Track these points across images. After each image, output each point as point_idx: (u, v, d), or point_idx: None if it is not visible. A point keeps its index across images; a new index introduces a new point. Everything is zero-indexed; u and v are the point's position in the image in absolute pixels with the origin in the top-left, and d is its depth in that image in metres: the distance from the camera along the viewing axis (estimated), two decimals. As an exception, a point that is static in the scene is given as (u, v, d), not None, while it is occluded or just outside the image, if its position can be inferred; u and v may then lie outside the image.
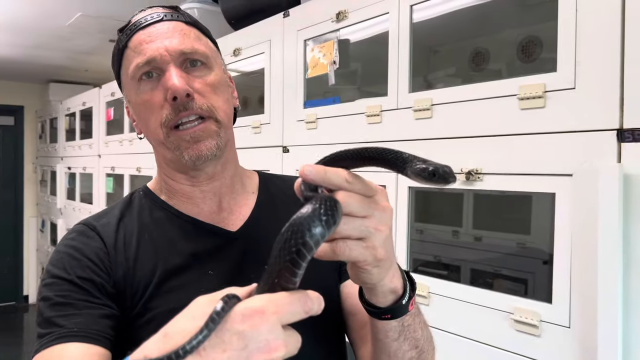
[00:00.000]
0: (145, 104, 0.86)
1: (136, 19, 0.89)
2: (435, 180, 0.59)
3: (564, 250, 1.23)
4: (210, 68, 0.88)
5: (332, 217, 0.52)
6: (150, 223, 0.90)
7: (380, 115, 1.68)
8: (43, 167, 6.04)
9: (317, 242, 0.50)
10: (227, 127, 0.89)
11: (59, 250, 0.86)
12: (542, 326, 1.26)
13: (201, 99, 0.84)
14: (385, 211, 0.63)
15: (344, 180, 0.59)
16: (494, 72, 2.05)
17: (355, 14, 1.77)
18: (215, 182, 0.92)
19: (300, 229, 0.50)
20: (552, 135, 1.25)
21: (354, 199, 0.60)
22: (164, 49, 0.83)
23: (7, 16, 3.50)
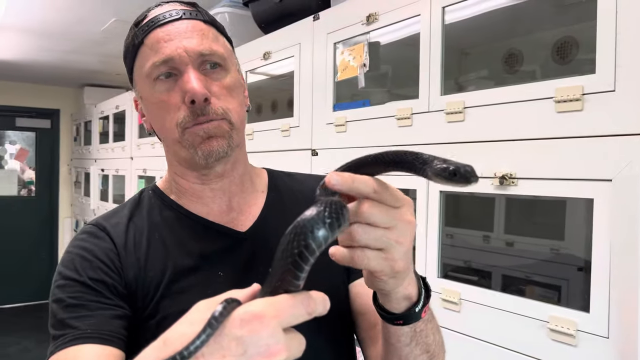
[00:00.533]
0: (161, 104, 0.85)
1: (154, 15, 0.87)
2: (456, 180, 0.57)
3: (603, 258, 1.18)
4: (227, 70, 0.88)
5: (337, 220, 0.51)
6: (160, 222, 0.90)
7: (410, 119, 1.66)
8: (77, 168, 6.17)
9: (320, 245, 0.49)
10: (239, 129, 0.89)
11: (70, 251, 0.86)
12: (579, 336, 1.22)
13: (217, 102, 0.84)
14: (409, 224, 0.62)
15: (372, 189, 0.59)
16: (527, 74, 2.01)
17: (386, 16, 1.76)
18: (225, 180, 0.92)
19: (302, 231, 0.49)
20: (591, 139, 1.21)
21: (378, 210, 0.60)
22: (182, 49, 0.83)
23: (44, 23, 3.59)
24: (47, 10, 3.34)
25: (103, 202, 5.02)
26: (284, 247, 0.50)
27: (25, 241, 6.42)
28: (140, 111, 0.95)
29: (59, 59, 4.77)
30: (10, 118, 6.39)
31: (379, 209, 0.60)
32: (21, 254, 6.37)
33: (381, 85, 2.16)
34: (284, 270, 0.50)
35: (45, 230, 6.59)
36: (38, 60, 4.88)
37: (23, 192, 6.54)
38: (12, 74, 5.59)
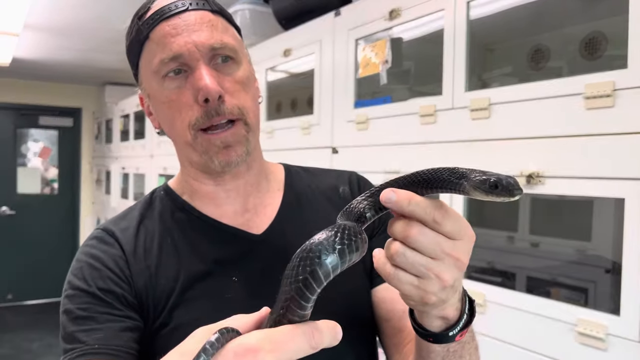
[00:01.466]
0: (171, 103, 0.80)
1: (158, 7, 0.80)
2: (497, 192, 0.52)
3: (634, 259, 1.15)
4: (239, 63, 0.82)
5: (349, 247, 0.47)
6: (172, 226, 0.86)
7: (434, 115, 1.62)
8: (99, 166, 6.23)
9: (328, 273, 0.45)
10: (255, 130, 0.85)
11: (79, 259, 0.83)
12: (609, 340, 1.18)
13: (232, 100, 0.79)
14: (457, 262, 0.57)
15: (431, 218, 0.55)
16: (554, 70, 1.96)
17: (409, 11, 1.73)
18: (239, 180, 0.87)
19: (309, 255, 0.45)
20: (622, 137, 1.17)
21: (428, 237, 0.55)
22: (192, 44, 0.77)
23: (66, 22, 3.62)
24: (69, 10, 3.37)
25: (124, 200, 5.06)
26: (289, 273, 0.46)
27: (47, 239, 6.50)
28: (147, 109, 0.90)
29: (81, 57, 4.81)
30: (33, 117, 6.47)
31: (429, 237, 0.55)
32: (44, 251, 6.46)
33: (403, 82, 2.13)
34: (287, 298, 0.46)
35: (67, 227, 6.67)
36: (60, 59, 4.93)
37: (46, 190, 6.63)
38: (35, 73, 5.67)
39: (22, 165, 6.48)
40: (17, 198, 6.36)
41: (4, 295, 6.28)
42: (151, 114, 0.89)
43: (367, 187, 0.92)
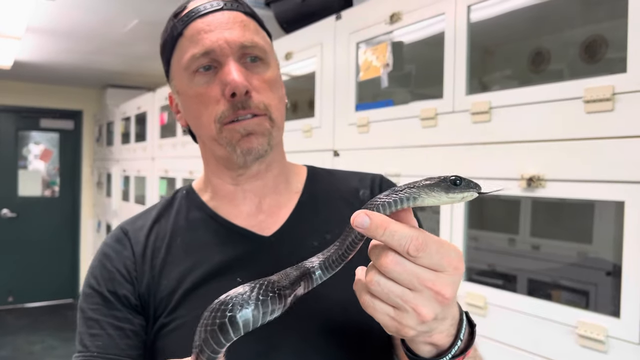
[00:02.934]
0: (199, 97, 0.82)
1: (194, 6, 0.83)
2: (460, 188, 0.52)
3: (634, 262, 1.15)
4: (268, 64, 0.84)
5: (264, 304, 0.49)
6: (184, 226, 0.88)
7: (435, 119, 1.63)
8: (100, 169, 6.24)
9: (237, 327, 0.48)
10: (279, 127, 0.86)
11: (96, 257, 0.87)
12: (610, 342, 1.19)
13: (258, 96, 0.81)
14: (438, 297, 0.53)
15: (405, 251, 0.51)
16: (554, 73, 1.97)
17: (410, 15, 1.74)
18: (258, 181, 0.88)
19: (221, 308, 0.48)
20: (622, 140, 1.18)
21: (405, 268, 0.52)
22: (223, 41, 0.79)
23: (68, 24, 3.63)
24: (71, 13, 3.38)
25: (125, 203, 5.07)
26: (200, 323, 0.49)
27: (48, 241, 6.52)
28: (175, 107, 0.92)
29: (83, 60, 4.82)
30: (34, 119, 6.49)
31: (406, 267, 0.52)
32: (45, 253, 6.47)
33: (404, 85, 2.13)
34: (196, 348, 0.49)
35: (68, 230, 6.68)
36: (61, 62, 4.94)
37: (47, 192, 6.64)
38: (36, 75, 5.68)
39: (23, 168, 6.49)
40: (18, 200, 6.37)
41: (5, 297, 6.29)
42: (179, 112, 0.91)
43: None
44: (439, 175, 0.55)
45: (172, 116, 3.84)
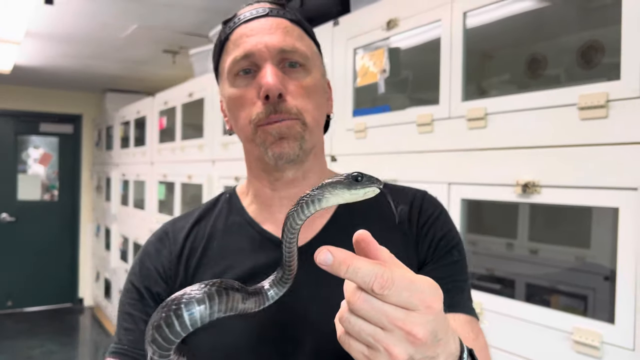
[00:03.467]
0: (237, 99, 0.84)
1: (241, 13, 0.87)
2: (362, 183, 0.53)
3: (628, 268, 1.16)
4: (308, 71, 0.85)
5: (211, 300, 0.50)
6: (222, 230, 0.90)
7: (431, 125, 1.64)
8: (99, 173, 6.24)
9: (184, 324, 0.49)
10: (313, 131, 0.85)
11: (139, 253, 0.92)
12: (604, 348, 1.19)
13: (292, 100, 0.82)
14: (409, 337, 0.50)
15: (369, 289, 0.49)
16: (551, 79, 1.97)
17: (406, 21, 1.74)
18: (294, 188, 0.88)
19: (168, 304, 0.50)
20: (616, 147, 1.18)
21: (372, 306, 0.50)
22: (263, 45, 0.81)
23: (67, 29, 3.64)
24: (70, 18, 3.39)
25: (124, 207, 5.07)
26: (150, 320, 0.50)
27: (47, 245, 6.51)
28: (223, 111, 0.94)
29: (82, 64, 4.84)
30: (34, 123, 6.50)
31: (374, 305, 0.50)
32: (44, 258, 6.47)
33: (401, 90, 2.14)
34: (147, 344, 0.50)
35: (67, 234, 6.68)
36: (61, 66, 4.95)
37: (46, 196, 6.64)
38: (36, 80, 5.69)
39: (23, 172, 6.49)
40: (17, 205, 6.37)
41: (4, 302, 6.28)
42: (226, 116, 0.93)
43: (431, 209, 0.89)
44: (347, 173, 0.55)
45: (171, 121, 3.85)
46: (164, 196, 4.01)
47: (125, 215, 4.99)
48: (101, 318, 5.97)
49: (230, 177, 2.89)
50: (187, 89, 3.53)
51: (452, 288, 0.81)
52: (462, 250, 0.88)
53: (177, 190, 3.66)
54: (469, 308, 0.83)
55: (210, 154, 3.17)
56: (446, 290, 0.80)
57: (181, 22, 3.43)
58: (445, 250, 0.85)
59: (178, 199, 3.65)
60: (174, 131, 3.77)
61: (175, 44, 3.98)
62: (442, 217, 0.89)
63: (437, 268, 0.84)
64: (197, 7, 3.15)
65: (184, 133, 3.66)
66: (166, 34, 3.71)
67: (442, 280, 0.81)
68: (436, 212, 0.89)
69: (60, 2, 3.00)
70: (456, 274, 0.85)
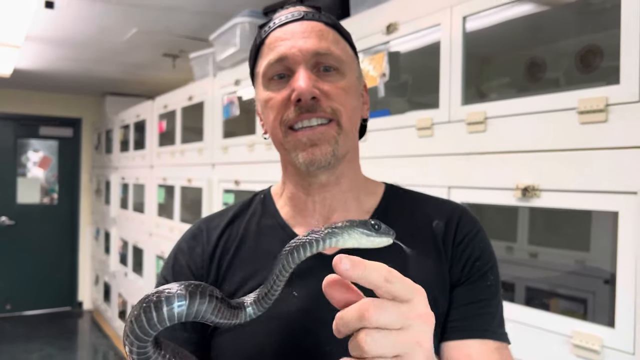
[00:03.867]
0: (270, 101, 0.84)
1: (277, 17, 0.87)
2: (381, 232, 0.56)
3: (628, 272, 1.16)
4: (343, 74, 0.84)
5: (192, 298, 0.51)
6: (255, 231, 0.90)
7: (431, 129, 1.64)
8: (98, 176, 6.24)
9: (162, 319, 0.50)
10: (348, 134, 0.84)
11: (174, 247, 0.93)
12: (604, 352, 1.19)
13: (327, 101, 0.81)
14: (426, 320, 0.53)
15: (382, 278, 0.52)
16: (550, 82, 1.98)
17: (406, 26, 1.75)
18: (326, 193, 0.88)
19: (148, 299, 0.50)
20: (615, 151, 1.19)
21: (388, 309, 0.51)
22: (297, 49, 0.81)
23: (67, 33, 3.65)
24: (71, 21, 3.40)
25: (123, 210, 5.07)
26: (130, 313, 0.51)
27: (47, 249, 6.51)
28: (259, 115, 0.93)
29: (82, 68, 4.84)
30: (33, 127, 6.50)
31: (388, 308, 0.51)
32: (43, 261, 6.46)
33: (401, 94, 2.14)
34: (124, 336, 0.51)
35: (66, 238, 6.67)
36: (61, 70, 4.96)
37: (45, 199, 6.64)
38: (36, 83, 5.70)
39: (22, 175, 6.49)
40: (17, 208, 6.36)
41: (3, 305, 6.27)
42: (262, 120, 0.92)
43: (468, 227, 0.88)
44: (360, 219, 0.58)
45: (171, 125, 3.86)
46: (164, 200, 4.01)
47: (124, 219, 4.99)
48: (100, 322, 5.96)
49: (230, 181, 2.89)
50: (187, 93, 3.54)
51: (484, 314, 0.82)
52: (496, 272, 0.87)
53: (176, 193, 3.66)
54: (499, 334, 0.82)
55: (210, 158, 3.17)
56: (478, 316, 0.82)
57: (181, 26, 3.44)
58: (480, 273, 0.84)
59: (178, 203, 3.65)
60: (174, 135, 3.77)
61: (175, 48, 3.99)
62: (479, 236, 0.87)
63: (471, 290, 0.84)
64: (196, 11, 3.15)
65: (183, 136, 3.66)
66: (166, 38, 3.72)
67: (474, 304, 0.83)
68: (473, 231, 0.87)
69: (60, 6, 3.00)
70: (489, 298, 0.84)
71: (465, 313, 0.82)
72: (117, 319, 5.22)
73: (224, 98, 3.00)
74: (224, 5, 3.00)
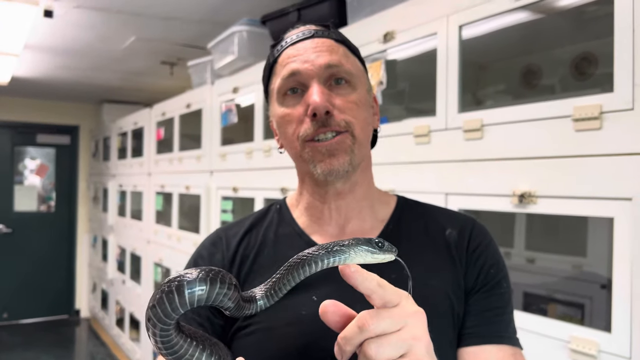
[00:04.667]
0: (286, 117, 0.87)
1: (289, 36, 0.91)
2: (385, 249, 0.61)
3: (624, 277, 1.17)
4: (354, 87, 0.88)
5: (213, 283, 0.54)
6: (273, 240, 0.93)
7: (428, 136, 1.66)
8: (96, 184, 6.24)
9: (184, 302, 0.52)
10: (362, 144, 0.88)
11: (194, 255, 0.96)
12: (601, 357, 1.20)
13: (340, 114, 0.84)
14: (417, 316, 0.59)
15: (376, 284, 0.57)
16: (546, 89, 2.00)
17: (403, 34, 1.77)
18: (342, 200, 0.91)
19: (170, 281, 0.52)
20: (610, 158, 1.20)
21: (382, 314, 0.57)
22: (309, 63, 0.85)
23: (65, 41, 3.66)
24: (70, 30, 3.41)
25: (121, 218, 5.07)
26: (152, 297, 0.53)
27: (44, 257, 6.49)
28: (274, 130, 0.96)
29: (80, 76, 4.85)
30: (31, 134, 6.50)
31: (383, 315, 0.57)
32: (40, 269, 6.44)
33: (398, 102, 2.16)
34: (146, 318, 0.53)
35: (64, 245, 6.66)
36: (59, 78, 4.97)
37: (43, 207, 6.63)
38: (33, 91, 5.70)
39: (19, 183, 6.48)
40: (14, 216, 6.35)
41: (0, 314, 6.24)
42: (277, 135, 0.96)
43: (481, 237, 0.91)
44: (364, 237, 0.63)
45: (169, 132, 3.87)
46: (162, 207, 4.02)
47: (122, 226, 4.99)
48: (98, 329, 5.94)
49: (228, 188, 2.90)
50: (184, 100, 3.55)
51: (499, 321, 0.85)
52: (509, 280, 0.90)
53: (174, 201, 3.67)
54: (514, 340, 0.86)
55: (208, 165, 3.18)
56: (494, 322, 0.85)
57: (179, 34, 3.45)
58: (495, 281, 0.87)
59: (176, 210, 3.65)
60: (172, 142, 3.78)
61: (173, 56, 4.00)
62: (491, 246, 0.91)
63: (487, 298, 0.86)
64: (194, 20, 3.17)
65: (181, 144, 3.67)
66: (164, 46, 3.73)
67: (490, 311, 0.85)
68: (486, 241, 0.91)
69: (59, 14, 3.02)
70: (503, 306, 0.87)
71: (481, 320, 0.84)
72: (115, 326, 5.20)
73: (222, 105, 3.01)
74: (222, 13, 3.02)
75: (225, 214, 2.99)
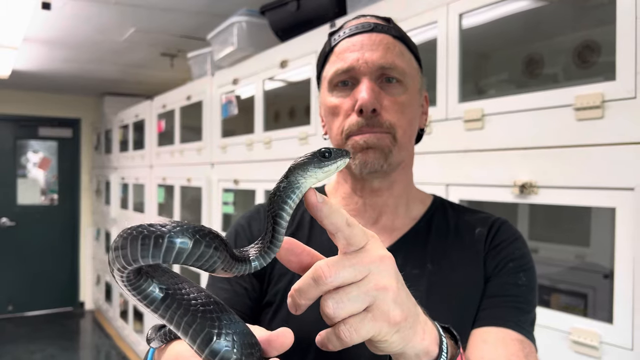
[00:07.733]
0: (334, 108, 0.89)
1: (347, 26, 0.90)
2: (333, 157, 0.51)
3: (626, 268, 1.16)
4: (405, 87, 0.87)
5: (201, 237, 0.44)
6: (309, 222, 0.94)
7: (428, 126, 1.64)
8: (98, 177, 6.24)
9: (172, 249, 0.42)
10: (402, 146, 0.88)
11: (233, 226, 0.98)
12: (603, 348, 1.19)
13: (386, 115, 0.85)
14: (384, 261, 0.53)
15: (344, 221, 0.52)
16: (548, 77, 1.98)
17: (403, 23, 1.74)
18: (378, 198, 0.91)
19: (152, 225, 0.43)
20: (612, 147, 1.19)
21: (341, 262, 0.51)
22: (364, 60, 0.85)
23: (65, 33, 3.65)
24: (69, 22, 3.39)
25: (123, 210, 5.07)
26: (124, 231, 0.45)
27: (47, 249, 6.51)
28: (321, 116, 0.98)
29: (81, 68, 4.84)
30: (33, 128, 6.50)
31: (342, 263, 0.51)
32: (44, 262, 6.47)
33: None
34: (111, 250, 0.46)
35: (67, 238, 6.68)
36: (60, 71, 4.96)
37: (45, 200, 6.64)
38: (34, 84, 5.70)
39: (22, 177, 6.49)
40: (17, 209, 6.37)
41: (5, 306, 6.28)
42: (323, 121, 0.97)
43: (507, 234, 0.90)
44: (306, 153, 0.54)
45: (170, 124, 3.86)
46: (164, 199, 4.01)
47: (125, 219, 4.99)
48: (102, 322, 5.97)
49: (230, 180, 2.89)
50: (185, 92, 3.54)
51: (508, 307, 0.82)
52: (531, 278, 0.87)
53: (176, 193, 3.67)
54: (523, 329, 0.81)
55: (209, 157, 3.17)
56: (501, 307, 0.83)
57: (179, 25, 3.43)
58: (513, 271, 0.86)
59: (177, 202, 3.65)
60: (173, 134, 3.77)
61: (173, 47, 3.98)
62: (517, 242, 0.89)
63: (498, 285, 0.85)
64: (194, 11, 3.15)
65: (182, 136, 3.66)
66: (164, 38, 3.71)
67: (498, 297, 0.84)
68: (511, 237, 0.90)
69: (57, 6, 3.00)
70: (518, 295, 0.84)
71: (489, 304, 0.83)
72: (119, 318, 5.22)
73: (222, 97, 3.00)
74: (221, 4, 3.00)
75: (226, 206, 2.98)
